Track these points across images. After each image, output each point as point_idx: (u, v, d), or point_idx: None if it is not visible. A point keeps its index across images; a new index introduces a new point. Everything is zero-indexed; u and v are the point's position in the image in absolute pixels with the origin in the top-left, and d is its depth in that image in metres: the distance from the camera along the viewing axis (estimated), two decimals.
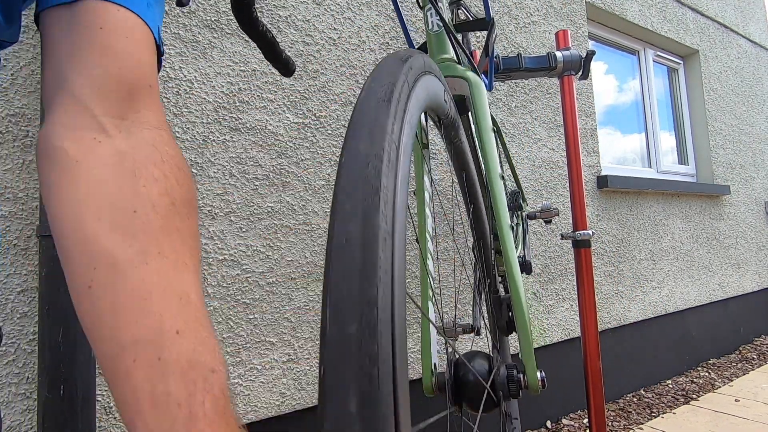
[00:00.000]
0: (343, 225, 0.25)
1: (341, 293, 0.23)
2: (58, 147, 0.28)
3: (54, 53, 0.30)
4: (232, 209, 1.17)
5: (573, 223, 1.37)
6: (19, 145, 0.94)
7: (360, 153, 0.28)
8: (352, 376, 0.21)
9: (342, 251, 0.24)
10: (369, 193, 0.26)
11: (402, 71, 0.36)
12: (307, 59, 1.33)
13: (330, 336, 0.23)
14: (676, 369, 2.44)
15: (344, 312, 0.22)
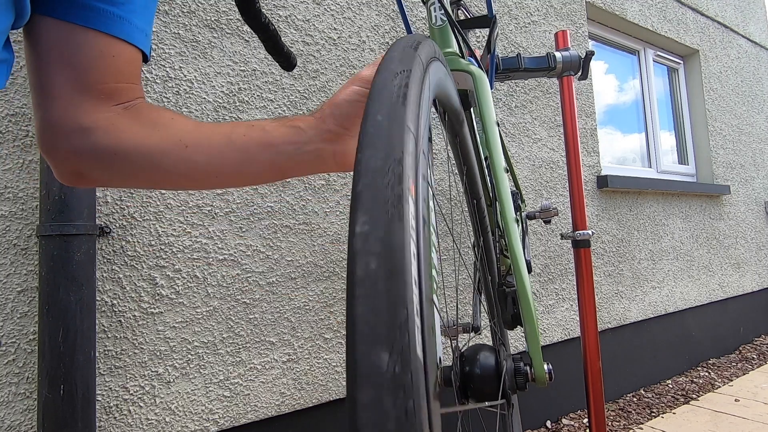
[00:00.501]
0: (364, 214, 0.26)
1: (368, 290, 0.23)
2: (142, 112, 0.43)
3: (69, 64, 0.39)
4: (232, 209, 1.17)
5: (573, 223, 1.37)
6: (19, 145, 0.94)
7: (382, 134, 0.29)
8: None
9: (365, 245, 0.24)
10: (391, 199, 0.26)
11: (415, 60, 0.35)
12: (307, 59, 1.33)
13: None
14: (676, 369, 2.44)
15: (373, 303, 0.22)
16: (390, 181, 0.26)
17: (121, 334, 1.01)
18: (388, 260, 0.23)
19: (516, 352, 1.72)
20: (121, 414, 0.99)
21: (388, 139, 0.28)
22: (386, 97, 0.30)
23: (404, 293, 0.22)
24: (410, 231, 0.24)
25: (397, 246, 0.23)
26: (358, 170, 0.27)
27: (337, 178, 1.35)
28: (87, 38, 0.40)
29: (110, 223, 1.01)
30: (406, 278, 0.22)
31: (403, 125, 0.29)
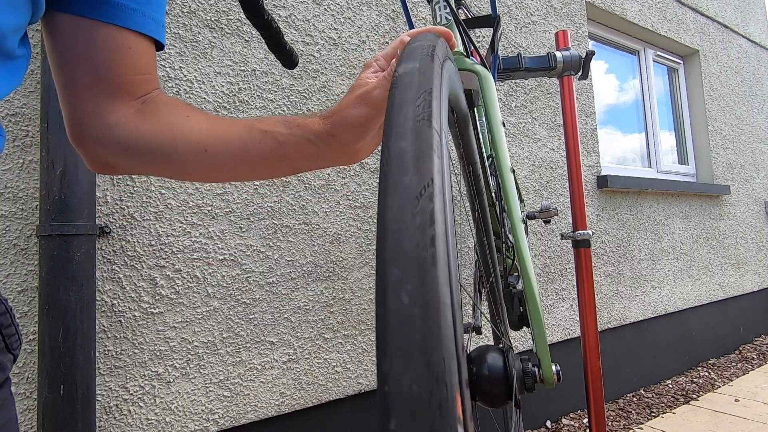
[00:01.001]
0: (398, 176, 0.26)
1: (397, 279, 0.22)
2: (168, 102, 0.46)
3: (89, 60, 0.41)
4: (232, 209, 1.17)
5: (573, 223, 1.37)
6: (19, 145, 0.94)
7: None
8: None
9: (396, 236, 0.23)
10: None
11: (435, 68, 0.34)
12: (307, 59, 1.33)
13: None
14: (676, 369, 2.44)
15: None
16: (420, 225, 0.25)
17: (121, 334, 1.01)
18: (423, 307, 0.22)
19: (516, 352, 1.72)
20: (121, 414, 0.99)
21: (416, 167, 0.26)
22: (410, 121, 0.29)
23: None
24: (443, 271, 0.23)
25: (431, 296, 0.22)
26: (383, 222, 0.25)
27: (337, 178, 1.35)
28: (103, 33, 0.41)
29: (110, 223, 1.01)
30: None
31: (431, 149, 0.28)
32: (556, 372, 0.55)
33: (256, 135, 0.45)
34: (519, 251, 0.61)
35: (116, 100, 0.43)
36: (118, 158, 0.45)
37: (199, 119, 0.45)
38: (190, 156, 0.44)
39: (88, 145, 0.44)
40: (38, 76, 0.96)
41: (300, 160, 0.47)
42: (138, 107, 0.44)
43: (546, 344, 0.57)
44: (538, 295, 0.60)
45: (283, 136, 0.45)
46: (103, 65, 0.42)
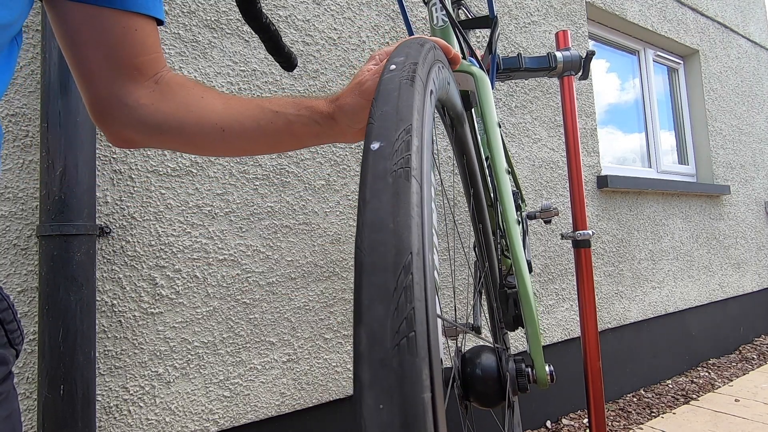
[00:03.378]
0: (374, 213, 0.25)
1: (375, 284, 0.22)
2: (181, 82, 0.49)
3: (100, 45, 0.43)
4: (232, 209, 1.17)
5: (573, 223, 1.37)
6: (19, 145, 0.94)
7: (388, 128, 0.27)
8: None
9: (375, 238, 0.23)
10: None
11: (419, 61, 0.34)
12: (307, 59, 1.33)
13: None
14: (676, 369, 2.44)
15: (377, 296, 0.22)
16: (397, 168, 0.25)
17: (121, 334, 1.01)
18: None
19: (516, 352, 1.72)
20: (121, 414, 0.99)
21: (396, 120, 0.27)
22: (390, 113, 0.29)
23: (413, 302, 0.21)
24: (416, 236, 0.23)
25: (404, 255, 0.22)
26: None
27: (337, 178, 1.35)
28: (108, 18, 0.42)
29: (110, 223, 1.01)
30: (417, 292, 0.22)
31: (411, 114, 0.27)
32: (549, 372, 0.55)
33: (269, 115, 0.49)
34: (513, 253, 0.61)
35: (132, 82, 0.45)
36: (139, 135, 0.48)
37: (213, 100, 0.49)
38: (208, 135, 0.48)
39: (111, 125, 0.47)
40: (38, 76, 0.96)
41: (306, 137, 0.51)
42: (153, 87, 0.47)
43: (540, 345, 0.57)
44: (532, 295, 0.60)
45: (293, 117, 0.49)
46: (113, 50, 0.43)
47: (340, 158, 1.37)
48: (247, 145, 0.50)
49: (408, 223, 0.23)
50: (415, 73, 0.32)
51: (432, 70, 0.36)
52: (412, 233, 0.22)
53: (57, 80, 0.92)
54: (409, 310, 0.21)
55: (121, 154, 1.04)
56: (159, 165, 1.08)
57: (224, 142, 0.49)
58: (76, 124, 0.92)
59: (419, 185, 0.24)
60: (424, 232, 0.23)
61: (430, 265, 0.23)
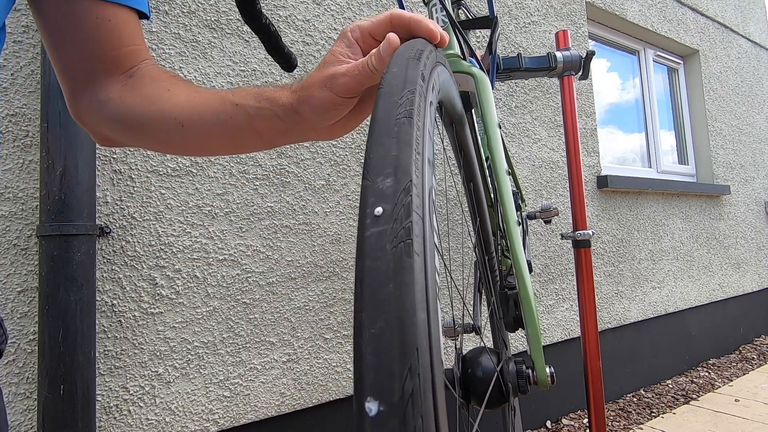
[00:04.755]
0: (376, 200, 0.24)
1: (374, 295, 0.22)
2: (155, 75, 0.46)
3: (76, 40, 0.42)
4: (232, 209, 1.17)
5: (573, 223, 1.37)
6: (19, 145, 0.94)
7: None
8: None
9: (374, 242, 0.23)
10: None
11: (419, 67, 0.32)
12: (307, 59, 1.33)
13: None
14: (676, 369, 2.44)
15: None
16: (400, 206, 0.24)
17: (121, 335, 1.01)
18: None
19: (516, 352, 1.72)
20: (121, 414, 0.99)
21: (395, 164, 0.25)
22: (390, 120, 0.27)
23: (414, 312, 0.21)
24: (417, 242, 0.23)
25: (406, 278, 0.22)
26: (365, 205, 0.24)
27: (337, 178, 1.35)
28: (81, 8, 0.41)
29: (110, 223, 1.01)
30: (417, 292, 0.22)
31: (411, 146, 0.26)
32: (549, 374, 0.55)
33: (229, 108, 0.43)
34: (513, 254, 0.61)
35: (106, 76, 0.44)
36: (113, 132, 0.46)
37: (179, 93, 0.44)
38: (168, 131, 0.44)
39: (86, 121, 0.46)
40: (38, 76, 0.96)
41: (271, 135, 0.44)
42: (125, 81, 0.45)
43: (540, 346, 0.57)
44: (532, 296, 0.60)
45: (253, 110, 0.42)
46: (87, 42, 0.42)
47: (340, 158, 1.37)
48: (207, 142, 0.45)
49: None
50: (416, 113, 0.29)
51: (431, 80, 0.34)
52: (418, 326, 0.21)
53: (57, 80, 0.92)
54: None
55: (121, 154, 1.04)
56: (159, 165, 1.08)
57: (184, 138, 0.44)
58: (76, 124, 0.92)
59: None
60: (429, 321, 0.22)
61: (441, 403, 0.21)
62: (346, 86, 0.39)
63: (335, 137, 0.45)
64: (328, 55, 0.40)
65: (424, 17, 0.40)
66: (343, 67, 0.39)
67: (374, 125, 0.28)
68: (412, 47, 0.35)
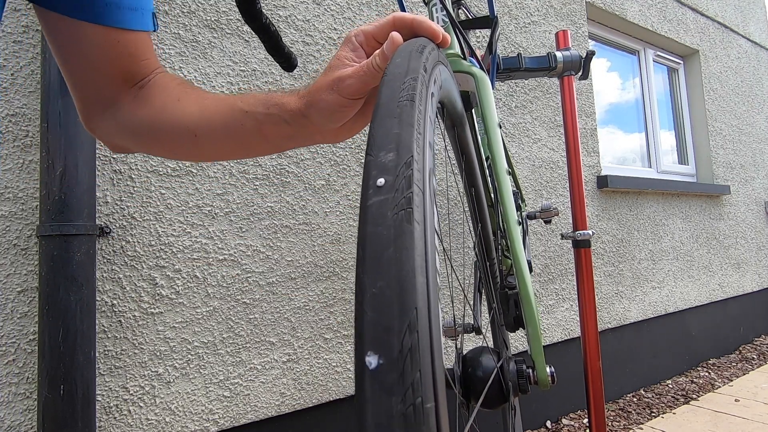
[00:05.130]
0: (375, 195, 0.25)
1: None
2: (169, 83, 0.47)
3: (85, 56, 0.42)
4: (232, 209, 1.17)
5: (573, 223, 1.37)
6: (19, 145, 0.94)
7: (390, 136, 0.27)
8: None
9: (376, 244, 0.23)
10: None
11: (420, 64, 0.32)
12: (307, 59, 1.33)
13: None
14: (676, 369, 2.44)
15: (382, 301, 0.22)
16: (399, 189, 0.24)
17: (121, 335, 1.01)
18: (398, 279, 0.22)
19: (516, 352, 1.72)
20: (121, 414, 0.99)
21: (397, 147, 0.26)
22: (391, 116, 0.28)
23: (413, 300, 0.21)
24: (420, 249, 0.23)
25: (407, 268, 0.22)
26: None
27: (337, 178, 1.35)
28: (89, 32, 0.41)
29: (110, 223, 1.01)
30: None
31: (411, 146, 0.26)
32: (550, 374, 0.55)
33: (238, 116, 0.44)
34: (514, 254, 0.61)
35: (117, 91, 0.45)
36: (125, 142, 0.47)
37: (189, 102, 0.45)
38: (181, 140, 0.45)
39: (99, 132, 0.47)
40: (38, 76, 0.96)
41: (280, 140, 0.45)
42: (136, 93, 0.45)
43: (541, 346, 0.57)
44: (533, 296, 0.60)
45: (261, 116, 0.43)
46: (97, 61, 0.43)
47: (340, 158, 1.37)
48: (219, 149, 0.46)
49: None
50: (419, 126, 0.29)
51: (433, 74, 0.34)
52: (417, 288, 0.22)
53: (57, 80, 0.92)
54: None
55: (121, 154, 1.04)
56: (159, 165, 1.08)
57: (196, 146, 0.46)
58: (76, 124, 0.92)
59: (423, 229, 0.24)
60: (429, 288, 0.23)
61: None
62: (352, 87, 0.39)
63: (342, 140, 0.46)
64: (333, 60, 0.41)
65: (426, 18, 0.40)
66: (348, 70, 0.40)
67: (378, 108, 0.29)
68: (415, 43, 0.36)
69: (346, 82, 0.39)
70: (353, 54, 0.41)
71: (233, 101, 0.44)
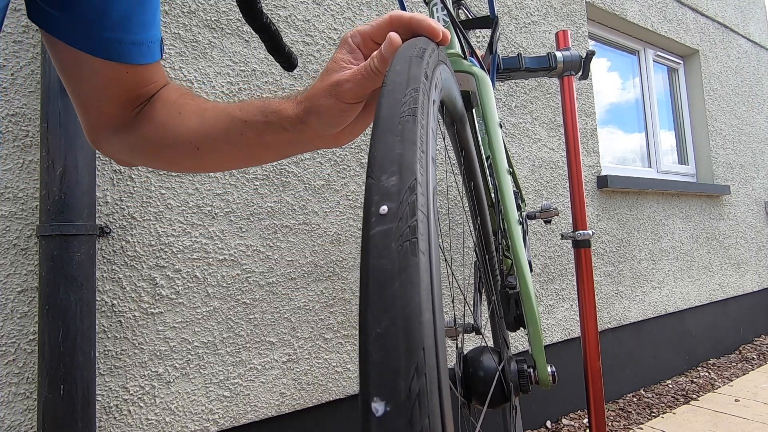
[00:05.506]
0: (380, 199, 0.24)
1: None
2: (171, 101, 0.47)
3: (90, 84, 0.43)
4: (232, 209, 1.17)
5: (573, 223, 1.37)
6: (19, 145, 0.94)
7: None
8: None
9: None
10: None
11: (422, 67, 0.32)
12: (307, 59, 1.33)
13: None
14: (676, 369, 2.44)
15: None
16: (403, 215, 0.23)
17: (121, 334, 1.01)
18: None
19: (516, 352, 1.72)
20: (121, 414, 0.99)
21: (400, 165, 0.25)
22: (393, 122, 0.27)
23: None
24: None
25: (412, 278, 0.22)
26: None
27: (337, 178, 1.35)
28: (95, 63, 0.41)
29: (110, 223, 1.01)
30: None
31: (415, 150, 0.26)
32: (551, 373, 0.55)
33: (238, 126, 0.43)
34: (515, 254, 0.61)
35: (123, 112, 0.45)
36: (129, 158, 0.48)
37: (189, 116, 0.44)
38: (184, 154, 0.46)
39: (104, 149, 0.48)
40: (38, 76, 0.96)
41: (280, 147, 0.44)
42: (140, 110, 0.46)
43: (542, 345, 0.57)
44: (534, 296, 0.60)
45: (260, 125, 0.42)
46: (102, 89, 0.43)
47: (340, 158, 1.37)
48: (222, 160, 0.46)
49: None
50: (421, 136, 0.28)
51: (434, 78, 0.33)
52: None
53: (57, 80, 0.92)
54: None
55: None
56: None
57: (198, 158, 0.45)
58: (76, 124, 0.92)
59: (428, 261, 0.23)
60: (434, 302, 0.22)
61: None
62: (351, 92, 0.38)
63: (342, 144, 0.45)
64: (330, 63, 0.40)
65: (425, 16, 0.39)
66: (346, 73, 0.38)
67: (378, 122, 0.28)
68: (415, 45, 0.35)
69: (344, 87, 0.38)
70: (350, 56, 0.40)
71: (232, 111, 0.43)
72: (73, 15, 0.38)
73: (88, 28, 0.39)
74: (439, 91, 0.35)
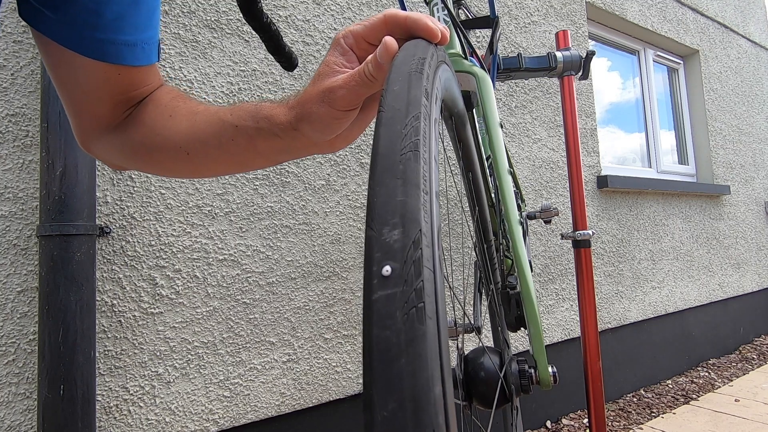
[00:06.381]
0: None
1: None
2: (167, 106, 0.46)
3: (82, 86, 0.42)
4: (232, 209, 1.17)
5: (573, 223, 1.37)
6: (19, 145, 0.94)
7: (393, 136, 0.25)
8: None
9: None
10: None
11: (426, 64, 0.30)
12: (307, 59, 1.33)
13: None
14: (676, 369, 2.44)
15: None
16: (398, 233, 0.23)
17: (121, 334, 1.01)
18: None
19: (516, 352, 1.72)
20: (121, 414, 0.99)
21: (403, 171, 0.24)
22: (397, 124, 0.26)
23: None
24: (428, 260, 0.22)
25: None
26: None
27: (337, 178, 1.35)
28: (87, 64, 0.40)
29: (110, 223, 1.01)
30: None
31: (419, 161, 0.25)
32: (552, 374, 0.55)
33: (230, 131, 0.41)
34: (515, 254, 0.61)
35: (114, 115, 0.44)
36: (121, 161, 0.47)
37: (180, 119, 0.43)
38: (174, 159, 0.44)
39: (95, 153, 0.47)
40: (38, 76, 0.96)
41: (273, 154, 0.42)
42: (131, 112, 0.45)
43: (542, 345, 0.57)
44: (534, 296, 0.60)
45: (252, 131, 0.40)
46: (94, 91, 0.41)
47: (340, 158, 1.37)
48: (213, 165, 0.44)
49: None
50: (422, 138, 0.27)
51: (434, 90, 0.32)
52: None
53: None
54: None
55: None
56: None
57: (191, 164, 0.44)
58: None
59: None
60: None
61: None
62: (344, 99, 0.36)
63: (338, 149, 0.43)
64: (322, 66, 0.38)
65: (421, 15, 0.37)
66: (339, 79, 0.36)
67: (376, 160, 0.26)
68: (413, 56, 0.32)
69: (337, 94, 0.36)
70: (343, 59, 0.37)
71: (223, 115, 0.41)
72: (65, 14, 0.37)
73: (80, 28, 0.38)
74: (441, 100, 0.34)
